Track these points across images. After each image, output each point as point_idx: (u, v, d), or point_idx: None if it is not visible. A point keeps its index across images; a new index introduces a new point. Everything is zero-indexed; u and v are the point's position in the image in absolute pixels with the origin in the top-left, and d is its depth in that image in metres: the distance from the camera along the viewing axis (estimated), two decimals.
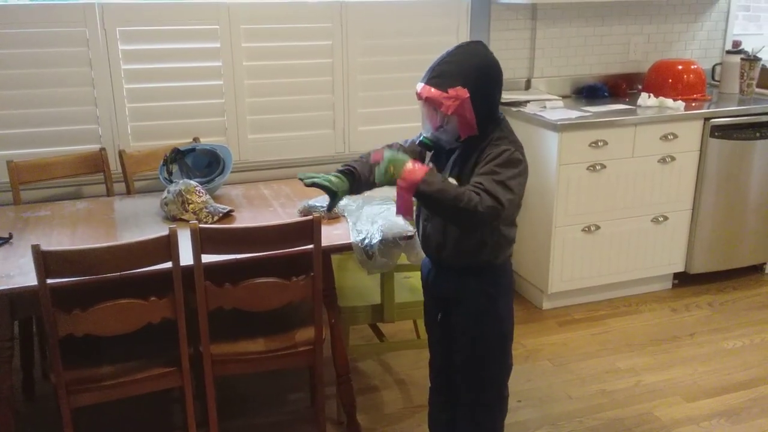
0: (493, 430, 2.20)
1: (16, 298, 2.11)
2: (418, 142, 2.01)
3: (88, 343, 2.16)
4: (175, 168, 2.84)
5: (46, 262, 1.94)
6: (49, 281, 1.97)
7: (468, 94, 1.85)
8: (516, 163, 1.86)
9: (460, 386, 2.17)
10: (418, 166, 1.80)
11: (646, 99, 3.68)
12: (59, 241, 2.37)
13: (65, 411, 2.10)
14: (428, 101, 1.89)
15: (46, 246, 1.95)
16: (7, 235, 2.39)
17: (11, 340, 2.15)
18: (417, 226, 2.13)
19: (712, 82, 4.19)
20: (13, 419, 2.17)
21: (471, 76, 1.86)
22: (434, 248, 2.05)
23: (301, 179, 1.94)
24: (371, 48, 3.51)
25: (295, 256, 2.23)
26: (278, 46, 3.35)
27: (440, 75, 1.87)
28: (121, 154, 3.05)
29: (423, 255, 2.16)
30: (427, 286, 2.19)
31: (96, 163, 3.04)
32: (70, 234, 2.44)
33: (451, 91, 1.85)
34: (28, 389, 2.85)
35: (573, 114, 3.46)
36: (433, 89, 1.87)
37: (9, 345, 2.15)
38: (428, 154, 2.08)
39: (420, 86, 1.91)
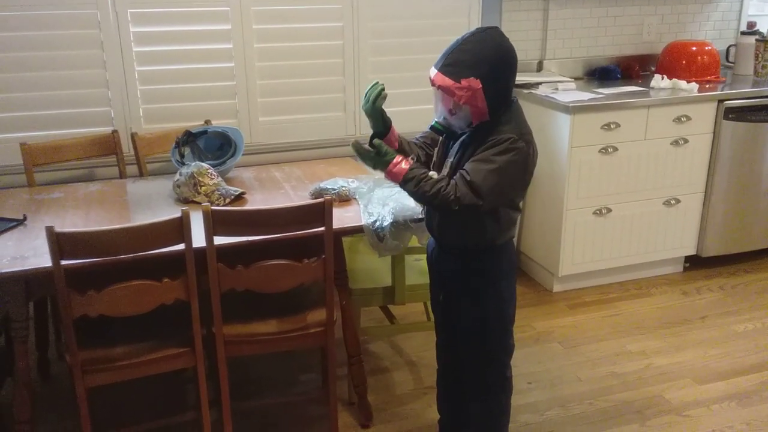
0: (499, 410, 2.22)
1: (31, 279, 2.13)
2: (429, 127, 2.03)
3: (102, 323, 2.19)
4: (187, 150, 2.84)
5: (60, 243, 1.96)
6: (63, 263, 1.99)
7: (480, 85, 1.83)
8: (514, 151, 1.86)
9: (463, 367, 2.19)
10: (401, 163, 1.91)
11: (659, 81, 3.65)
12: (73, 222, 2.39)
13: (80, 390, 2.13)
14: (441, 89, 1.89)
15: (60, 228, 1.97)
16: (21, 217, 2.41)
17: (26, 321, 2.17)
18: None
19: (727, 63, 4.15)
20: (30, 398, 2.20)
21: (485, 66, 1.84)
22: (436, 227, 2.07)
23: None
24: (382, 30, 3.49)
25: (307, 238, 2.24)
26: (289, 27, 3.34)
27: (454, 63, 1.85)
28: (133, 136, 3.06)
29: (430, 236, 2.18)
30: (431, 265, 2.21)
31: (108, 145, 3.06)
32: (83, 216, 2.46)
33: (464, 82, 1.83)
34: (44, 369, 2.89)
35: (585, 96, 3.44)
36: (446, 78, 1.86)
37: (24, 325, 2.17)
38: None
39: (433, 72, 1.89)
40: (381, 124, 2.04)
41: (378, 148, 1.94)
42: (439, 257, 2.14)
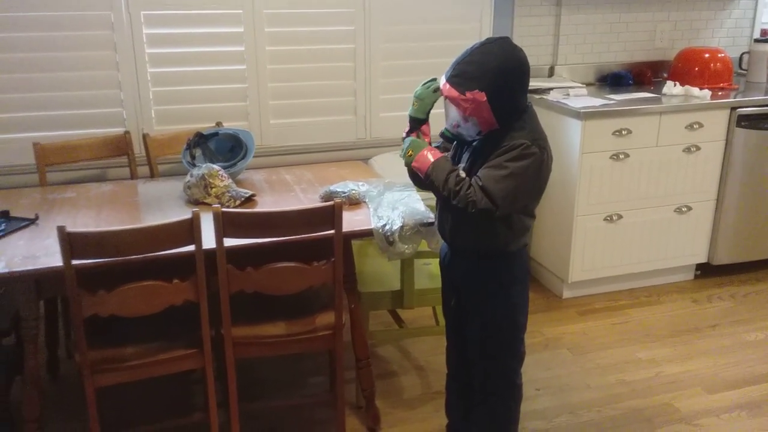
0: (507, 417, 2.21)
1: (42, 278, 2.13)
2: (440, 134, 2.04)
3: (111, 323, 2.19)
4: (198, 152, 2.85)
5: (71, 243, 1.96)
6: (74, 262, 1.99)
7: (485, 98, 1.84)
8: (527, 156, 1.86)
9: (473, 373, 2.18)
10: (433, 153, 1.94)
11: (671, 87, 3.64)
12: (84, 222, 2.40)
13: (89, 390, 2.14)
14: (448, 99, 1.91)
15: (72, 227, 1.97)
16: (33, 217, 2.42)
17: (37, 320, 2.18)
18: (435, 209, 2.14)
19: (740, 70, 4.13)
20: (39, 397, 2.20)
21: (490, 79, 1.84)
22: (449, 231, 2.07)
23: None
24: (393, 34, 3.50)
25: (316, 241, 2.24)
26: (301, 31, 3.35)
27: (460, 75, 1.87)
28: (144, 137, 3.07)
29: (443, 240, 2.17)
30: (444, 270, 2.21)
31: (120, 146, 3.07)
32: (94, 216, 2.47)
33: (468, 94, 1.84)
34: (53, 368, 2.90)
35: (597, 102, 3.43)
36: (452, 89, 1.87)
37: (35, 324, 2.18)
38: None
39: (442, 81, 1.92)
40: (426, 112, 2.04)
41: (418, 134, 2.02)
42: (452, 262, 2.14)
